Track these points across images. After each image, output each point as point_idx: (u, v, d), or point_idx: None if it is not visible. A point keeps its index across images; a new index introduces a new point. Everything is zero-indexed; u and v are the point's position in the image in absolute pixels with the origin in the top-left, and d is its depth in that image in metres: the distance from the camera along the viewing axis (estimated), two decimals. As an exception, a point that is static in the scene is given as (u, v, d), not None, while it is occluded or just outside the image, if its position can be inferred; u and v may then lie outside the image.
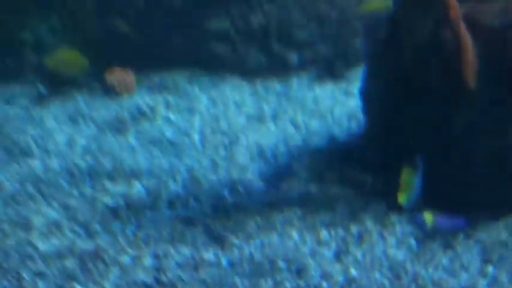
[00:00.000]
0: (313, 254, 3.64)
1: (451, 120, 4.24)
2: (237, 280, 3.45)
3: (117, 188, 4.38)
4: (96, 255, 3.66)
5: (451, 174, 4.17)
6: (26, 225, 4.00)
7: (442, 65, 4.27)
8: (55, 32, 5.86)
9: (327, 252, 3.65)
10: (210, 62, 5.95)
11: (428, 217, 3.87)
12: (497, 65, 4.16)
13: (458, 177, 4.16)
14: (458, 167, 4.16)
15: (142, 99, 5.63)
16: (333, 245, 3.70)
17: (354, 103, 5.28)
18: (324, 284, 3.42)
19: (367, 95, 4.64)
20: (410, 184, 3.84)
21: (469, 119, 4.22)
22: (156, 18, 5.86)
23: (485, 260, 3.60)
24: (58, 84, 5.81)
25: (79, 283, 3.46)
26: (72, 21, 5.77)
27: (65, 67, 5.66)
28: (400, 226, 3.88)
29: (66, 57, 5.65)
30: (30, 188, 4.41)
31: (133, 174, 4.55)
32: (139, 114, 5.41)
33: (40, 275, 3.56)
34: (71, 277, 3.52)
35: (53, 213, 4.12)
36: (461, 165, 4.15)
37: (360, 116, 4.78)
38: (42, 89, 5.85)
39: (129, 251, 3.70)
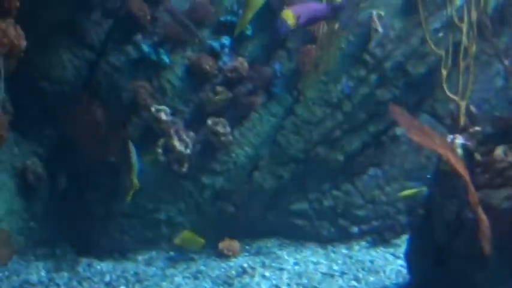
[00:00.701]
0: None
1: (474, 278, 4.70)
2: None
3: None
4: None
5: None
6: None
7: (466, 237, 4.70)
8: (182, 213, 6.85)
9: None
10: (294, 233, 6.93)
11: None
12: (506, 237, 4.56)
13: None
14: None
15: (245, 260, 6.57)
16: None
17: (400, 263, 6.21)
18: None
19: (410, 258, 5.34)
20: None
21: (486, 276, 4.66)
22: (254, 201, 6.87)
23: None
24: (184, 253, 6.74)
25: None
26: (195, 206, 6.82)
27: (188, 245, 6.62)
28: None
29: (188, 238, 6.58)
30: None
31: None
32: (242, 272, 6.30)
33: None
34: None
35: None
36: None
37: (405, 273, 5.70)
38: (172, 254, 6.82)
39: None
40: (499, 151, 4.82)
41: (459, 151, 4.92)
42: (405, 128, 5.01)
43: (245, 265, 6.44)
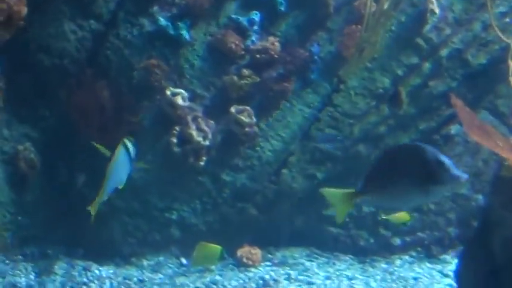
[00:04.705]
0: None
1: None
2: None
3: None
4: None
5: None
6: None
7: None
8: (197, 214, 6.98)
9: None
10: (326, 243, 7.09)
11: None
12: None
13: None
14: None
15: (267, 272, 6.71)
16: None
17: (448, 282, 6.34)
18: None
19: (461, 277, 5.25)
20: None
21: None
22: (281, 204, 7.02)
23: None
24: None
25: None
26: (212, 207, 6.97)
27: (204, 258, 6.61)
28: None
29: (206, 251, 6.55)
30: None
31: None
32: (264, 285, 6.45)
33: None
34: None
35: None
36: None
37: None
38: (183, 260, 6.97)
39: None
40: None
41: (526, 155, 5.03)
42: (465, 125, 5.15)
43: (267, 277, 6.58)
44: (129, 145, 5.95)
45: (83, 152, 6.85)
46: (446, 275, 6.53)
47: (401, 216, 6.54)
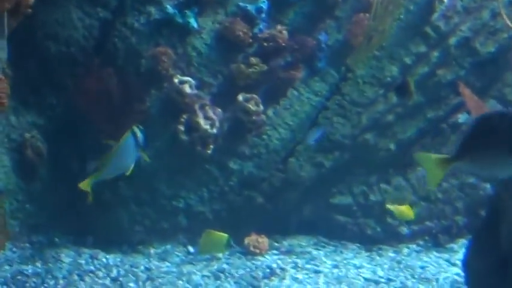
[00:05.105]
0: None
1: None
2: None
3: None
4: None
5: None
6: None
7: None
8: (204, 202, 7.02)
9: None
10: (334, 231, 7.13)
11: None
12: None
13: None
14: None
15: (274, 260, 6.75)
16: None
17: (456, 272, 6.38)
18: None
19: (469, 266, 5.29)
20: None
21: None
22: (288, 192, 7.05)
23: None
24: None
25: None
26: (219, 195, 7.00)
27: (211, 246, 6.67)
28: None
29: (212, 239, 6.60)
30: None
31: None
32: (271, 273, 6.47)
33: None
34: None
35: None
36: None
37: (461, 282, 5.87)
38: (190, 248, 7.01)
39: None
40: None
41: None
42: (474, 114, 5.18)
43: (274, 265, 6.62)
44: (138, 133, 6.03)
45: (90, 140, 6.88)
46: (453, 264, 6.57)
47: (406, 212, 6.57)
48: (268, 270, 6.52)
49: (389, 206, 6.62)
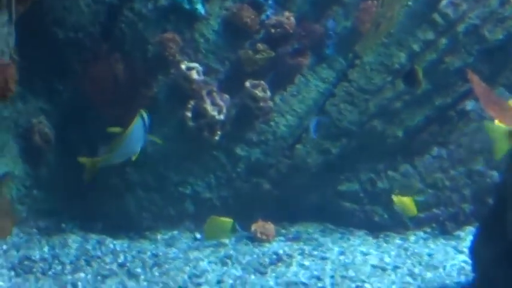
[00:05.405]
0: None
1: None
2: None
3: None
4: None
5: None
6: None
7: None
8: (211, 188, 7.04)
9: None
10: (341, 218, 7.16)
11: None
12: None
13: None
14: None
15: (281, 247, 6.77)
16: None
17: (463, 259, 6.40)
18: None
19: (476, 254, 5.46)
20: None
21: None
22: (295, 179, 7.07)
23: None
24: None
25: None
26: (227, 181, 7.02)
27: (216, 231, 6.72)
28: None
29: (217, 224, 6.66)
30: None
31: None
32: (277, 260, 6.50)
33: None
34: None
35: None
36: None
37: (468, 269, 5.87)
38: (197, 235, 7.04)
39: None
40: None
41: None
42: (482, 101, 5.16)
43: (281, 252, 6.64)
44: (146, 117, 6.04)
45: (98, 126, 6.76)
46: (460, 252, 6.58)
47: (410, 207, 6.61)
48: (275, 256, 6.54)
49: (394, 199, 6.65)
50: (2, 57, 6.35)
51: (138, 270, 6.30)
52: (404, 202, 6.62)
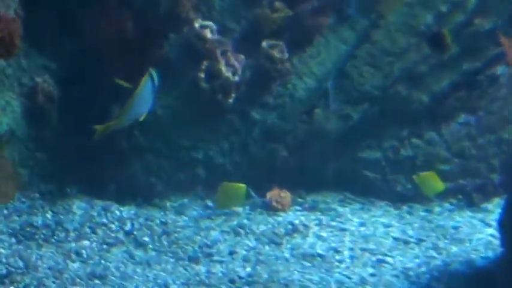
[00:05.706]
0: None
1: None
2: None
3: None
4: None
5: None
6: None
7: None
8: (224, 154, 6.85)
9: None
10: (361, 187, 6.96)
11: None
12: None
13: None
14: None
15: (297, 216, 6.60)
16: None
17: (491, 232, 6.21)
18: None
19: (505, 227, 5.29)
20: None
21: None
22: (313, 145, 6.88)
23: None
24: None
25: None
26: (241, 147, 6.82)
27: (228, 198, 6.56)
28: None
29: (229, 191, 6.52)
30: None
31: (287, 286, 5.46)
32: (293, 230, 6.33)
33: None
34: None
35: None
36: None
37: (496, 244, 5.67)
38: (209, 202, 6.85)
39: None
40: None
41: None
42: (513, 65, 5.01)
43: (296, 221, 6.49)
44: (155, 77, 5.83)
45: (104, 86, 6.55)
46: (488, 225, 6.38)
47: (436, 184, 6.42)
48: (290, 226, 6.38)
49: (416, 179, 6.47)
50: (7, 11, 6.17)
51: (146, 238, 6.14)
52: (429, 178, 6.43)
